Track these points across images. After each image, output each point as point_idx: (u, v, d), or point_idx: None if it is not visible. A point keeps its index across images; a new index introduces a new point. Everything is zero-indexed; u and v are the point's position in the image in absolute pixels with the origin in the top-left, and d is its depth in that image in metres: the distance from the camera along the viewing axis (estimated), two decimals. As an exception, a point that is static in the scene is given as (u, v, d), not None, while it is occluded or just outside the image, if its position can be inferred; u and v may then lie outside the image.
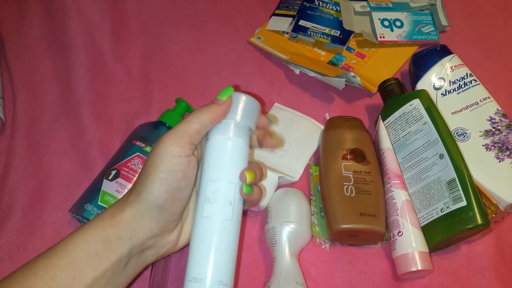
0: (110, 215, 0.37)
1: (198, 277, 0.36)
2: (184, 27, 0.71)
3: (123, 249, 0.36)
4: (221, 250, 0.36)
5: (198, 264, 0.36)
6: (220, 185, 0.38)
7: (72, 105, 0.61)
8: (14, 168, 0.55)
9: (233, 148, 0.39)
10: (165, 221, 0.38)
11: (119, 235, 0.36)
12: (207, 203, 0.37)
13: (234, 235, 0.38)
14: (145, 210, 0.37)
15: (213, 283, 0.35)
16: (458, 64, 0.60)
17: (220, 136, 0.39)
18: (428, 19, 0.70)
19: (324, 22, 0.70)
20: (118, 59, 0.66)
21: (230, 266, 0.37)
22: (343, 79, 0.60)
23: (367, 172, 0.52)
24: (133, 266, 0.38)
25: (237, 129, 0.39)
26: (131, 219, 0.37)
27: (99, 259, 0.35)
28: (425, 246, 0.48)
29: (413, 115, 0.54)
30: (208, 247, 0.36)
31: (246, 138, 0.40)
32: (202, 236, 0.37)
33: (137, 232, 0.37)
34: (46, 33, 0.67)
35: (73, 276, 0.34)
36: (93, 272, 0.35)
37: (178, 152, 0.37)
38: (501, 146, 0.54)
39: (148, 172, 0.37)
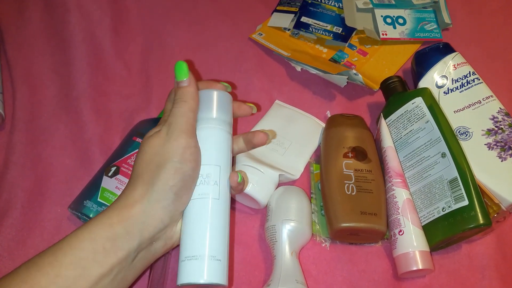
0: (117, 211, 0.36)
1: (194, 253, 0.36)
2: (184, 22, 0.71)
3: (132, 244, 0.36)
4: (214, 226, 0.38)
5: (194, 240, 0.37)
6: (203, 168, 0.39)
7: (71, 101, 0.60)
8: (13, 164, 0.55)
9: (212, 135, 0.41)
10: (176, 211, 0.38)
11: (128, 230, 0.36)
12: (204, 184, 0.39)
13: (222, 214, 0.39)
14: (157, 201, 0.37)
15: (210, 258, 0.36)
16: (461, 62, 0.59)
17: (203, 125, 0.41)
18: (431, 17, 0.70)
19: (326, 18, 0.69)
20: (118, 54, 0.66)
21: (224, 243, 0.38)
22: (344, 76, 0.60)
23: (368, 170, 0.52)
24: (141, 260, 0.38)
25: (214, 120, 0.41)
26: (141, 213, 0.36)
27: (105, 256, 0.35)
28: (426, 246, 0.48)
29: (415, 114, 0.54)
30: (197, 225, 0.38)
31: (224, 126, 0.42)
32: (192, 216, 0.38)
33: (148, 225, 0.36)
34: (46, 28, 0.67)
35: (79, 273, 0.34)
36: (99, 269, 0.34)
37: (190, 144, 0.38)
38: (503, 145, 0.53)
39: (161, 164, 0.37)
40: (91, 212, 0.48)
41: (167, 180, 0.37)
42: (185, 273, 0.36)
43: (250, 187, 0.50)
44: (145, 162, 0.38)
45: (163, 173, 0.37)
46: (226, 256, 0.38)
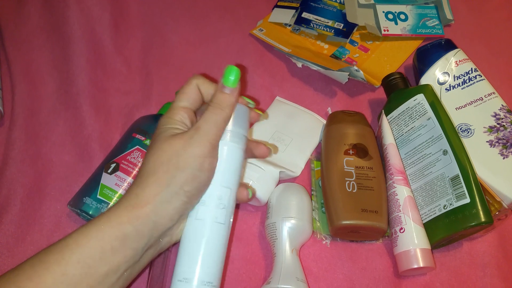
0: (128, 209, 0.36)
1: (186, 277, 0.36)
2: (184, 18, 0.70)
3: (141, 243, 0.36)
4: (212, 252, 0.37)
5: (187, 264, 0.37)
6: (216, 189, 0.38)
7: (71, 97, 0.60)
8: (12, 160, 0.55)
9: (229, 153, 0.39)
10: (185, 211, 0.38)
11: (138, 230, 0.35)
12: (202, 205, 0.38)
13: (225, 239, 0.39)
14: (169, 202, 0.36)
15: (201, 283, 0.36)
16: (463, 59, 0.59)
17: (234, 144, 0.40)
18: (433, 13, 0.69)
19: (327, 14, 0.69)
20: (118, 50, 0.65)
21: (219, 268, 0.38)
22: (346, 72, 0.59)
23: (370, 167, 0.51)
24: (147, 257, 0.38)
25: (232, 135, 0.39)
26: (152, 212, 0.36)
27: (113, 255, 0.34)
28: (427, 243, 0.48)
29: (417, 110, 0.53)
30: (199, 248, 0.37)
31: (241, 144, 0.40)
32: (193, 238, 0.37)
33: (158, 225, 0.36)
34: (45, 23, 0.66)
35: (85, 272, 0.33)
36: (106, 267, 0.34)
37: (212, 154, 0.38)
38: (505, 142, 0.53)
39: (180, 167, 0.36)
40: (90, 209, 0.48)
41: (183, 184, 0.36)
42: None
43: (250, 184, 0.50)
44: (162, 161, 0.37)
45: (181, 177, 0.36)
46: (218, 282, 0.38)
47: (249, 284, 0.48)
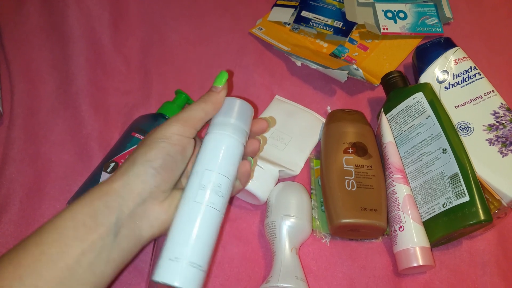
0: (99, 188, 0.38)
1: (176, 255, 0.36)
2: (184, 17, 0.70)
3: (111, 218, 0.36)
4: (204, 235, 0.37)
5: (179, 243, 0.37)
6: (217, 177, 0.39)
7: (70, 96, 0.60)
8: (11, 159, 0.55)
9: (232, 144, 0.41)
10: (156, 188, 0.38)
11: (107, 205, 0.37)
12: (201, 189, 0.39)
13: (218, 226, 0.39)
14: (137, 175, 0.37)
15: (190, 264, 0.36)
16: (462, 57, 0.59)
17: (221, 131, 0.41)
18: (432, 11, 0.69)
19: (326, 13, 0.69)
20: (117, 49, 0.65)
21: (209, 253, 0.38)
22: (345, 71, 0.59)
23: (369, 166, 0.51)
24: (126, 240, 0.37)
25: (235, 128, 0.41)
26: (120, 187, 0.37)
27: (86, 231, 0.36)
28: (426, 242, 0.48)
29: (416, 109, 0.53)
30: (193, 230, 0.37)
31: (242, 139, 0.42)
32: (188, 218, 0.38)
33: (126, 200, 0.37)
34: (44, 23, 0.66)
35: (61, 250, 0.35)
36: (80, 244, 0.35)
37: (180, 131, 0.39)
38: (504, 140, 0.53)
39: (147, 144, 0.39)
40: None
41: (147, 156, 0.38)
42: (162, 272, 0.36)
43: (250, 183, 0.50)
44: (143, 141, 0.40)
45: (146, 150, 0.38)
46: (206, 267, 0.38)
47: (248, 282, 0.48)
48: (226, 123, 0.41)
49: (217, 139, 0.41)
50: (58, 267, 0.34)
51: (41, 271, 0.34)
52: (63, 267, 0.34)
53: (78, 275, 0.35)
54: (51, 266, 0.34)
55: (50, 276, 0.34)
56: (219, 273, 0.49)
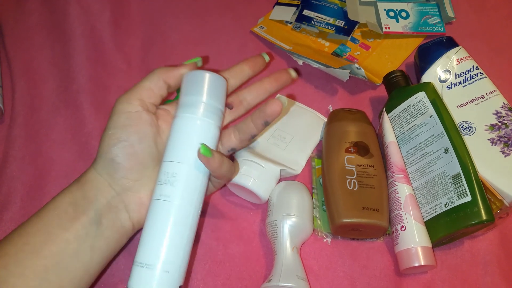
0: (77, 180, 0.39)
1: (148, 262, 0.34)
2: (185, 15, 0.70)
3: (90, 207, 0.37)
4: (176, 237, 0.34)
5: (150, 248, 0.34)
6: (182, 167, 0.35)
7: (71, 94, 0.60)
8: (12, 158, 0.55)
9: (201, 128, 0.36)
10: (124, 178, 0.38)
11: (85, 195, 0.38)
12: (167, 184, 0.35)
13: (191, 223, 0.36)
14: (102, 167, 0.38)
15: (164, 271, 0.34)
16: (464, 57, 0.59)
17: (188, 114, 0.37)
18: (434, 10, 0.69)
19: (328, 12, 0.69)
20: (118, 48, 0.65)
21: (185, 255, 0.36)
22: (347, 70, 0.59)
23: (371, 165, 0.51)
24: (109, 230, 0.38)
25: (206, 109, 0.37)
26: (93, 179, 0.38)
27: (68, 220, 0.36)
28: (428, 241, 0.48)
29: (418, 108, 0.53)
30: (162, 232, 0.34)
31: (216, 120, 0.37)
32: (156, 219, 0.35)
33: (101, 191, 0.38)
34: (45, 21, 0.66)
35: (45, 239, 0.36)
36: (64, 233, 0.36)
37: (124, 108, 0.39)
38: (507, 140, 0.53)
39: (102, 134, 0.39)
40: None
41: (102, 147, 0.38)
42: (136, 279, 0.35)
43: (251, 182, 0.50)
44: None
45: (101, 141, 0.39)
46: (181, 269, 0.35)
47: (249, 282, 0.48)
48: (193, 103, 0.37)
49: (182, 124, 0.37)
50: (43, 255, 0.35)
51: (25, 260, 0.35)
52: (48, 255, 0.35)
53: (63, 263, 0.36)
54: (35, 255, 0.35)
55: (35, 264, 0.35)
56: (220, 272, 0.48)
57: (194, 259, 0.49)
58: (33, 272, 0.34)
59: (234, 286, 0.48)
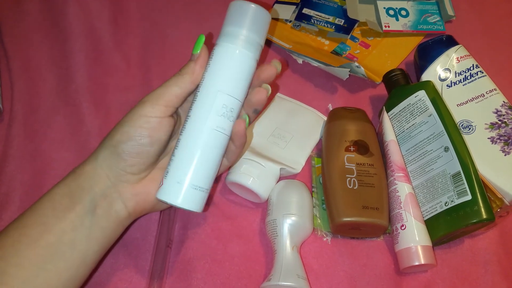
0: (73, 171, 0.40)
1: (178, 177, 0.37)
2: (184, 13, 0.70)
3: (85, 197, 0.38)
4: (206, 157, 0.37)
5: (181, 164, 0.37)
6: (216, 95, 0.37)
7: (70, 94, 0.60)
8: (11, 157, 0.54)
9: (240, 60, 0.37)
10: (122, 171, 0.39)
11: (81, 186, 0.38)
12: (224, 117, 0.37)
13: (221, 146, 0.39)
14: (104, 158, 0.39)
15: (191, 186, 0.37)
16: (464, 55, 0.58)
17: (228, 44, 0.38)
18: (434, 9, 0.69)
19: (328, 10, 0.68)
20: (117, 46, 0.65)
21: (211, 175, 0.39)
22: (346, 69, 0.59)
23: (370, 164, 0.51)
24: (104, 219, 0.39)
25: (246, 40, 0.38)
26: (91, 169, 0.39)
27: (64, 210, 0.37)
28: (428, 240, 0.48)
29: (418, 107, 0.53)
30: (194, 151, 0.37)
31: (255, 53, 0.38)
32: (189, 140, 0.37)
33: (97, 181, 0.38)
34: (44, 19, 0.66)
35: (42, 230, 0.36)
36: (60, 223, 0.36)
37: (147, 112, 0.38)
38: (507, 139, 0.53)
39: (118, 124, 0.39)
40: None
41: (112, 140, 0.38)
42: (165, 190, 0.38)
43: (251, 181, 0.49)
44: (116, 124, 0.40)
45: (111, 134, 0.39)
46: (209, 187, 0.39)
47: (249, 281, 0.48)
48: (237, 34, 0.37)
49: (228, 55, 0.37)
50: (40, 245, 0.36)
51: (22, 251, 0.35)
52: (44, 245, 0.36)
53: (60, 252, 0.36)
54: (32, 245, 0.35)
55: (32, 254, 0.35)
56: (219, 271, 0.48)
57: (194, 258, 0.49)
58: (30, 262, 0.35)
59: (234, 285, 0.48)
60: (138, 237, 0.50)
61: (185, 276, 0.48)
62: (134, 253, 0.49)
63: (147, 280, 0.47)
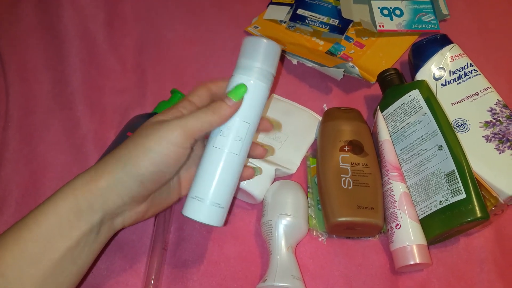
0: (83, 183, 0.37)
1: (200, 196, 0.40)
2: (179, 15, 0.70)
3: (95, 218, 0.37)
4: (224, 178, 0.40)
5: (203, 185, 0.40)
6: (235, 122, 0.40)
7: (66, 97, 0.60)
8: (7, 160, 0.55)
9: (254, 89, 0.40)
10: (138, 195, 0.39)
11: (91, 203, 0.36)
12: (220, 135, 0.40)
13: (238, 168, 0.41)
14: (123, 182, 0.37)
15: (212, 204, 0.40)
16: (459, 54, 0.59)
17: (244, 76, 0.40)
18: (428, 8, 0.69)
19: (322, 11, 0.68)
20: (112, 49, 0.65)
21: (229, 193, 0.41)
22: (341, 69, 0.59)
23: (365, 164, 0.51)
24: (104, 233, 0.39)
25: (260, 72, 0.41)
26: (105, 188, 0.37)
27: (70, 229, 0.36)
28: (423, 239, 0.48)
29: (412, 106, 0.53)
30: (214, 173, 0.40)
31: (267, 83, 0.41)
32: (210, 163, 0.40)
33: (109, 201, 0.37)
34: (39, 22, 0.66)
35: (44, 247, 0.35)
36: (66, 242, 0.36)
37: (177, 142, 0.37)
38: (501, 137, 0.53)
39: (139, 148, 0.37)
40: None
41: (137, 166, 0.37)
42: (190, 208, 0.40)
43: (245, 182, 0.50)
44: (131, 142, 0.38)
45: (137, 158, 0.37)
46: (227, 205, 0.41)
47: (245, 282, 0.48)
48: (252, 67, 0.40)
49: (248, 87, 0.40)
50: (42, 265, 0.35)
51: (24, 269, 0.34)
52: (47, 264, 0.35)
53: (62, 269, 0.36)
54: (35, 263, 0.35)
55: (34, 274, 0.34)
56: (215, 272, 0.48)
57: (189, 260, 0.49)
58: (31, 281, 0.34)
59: (229, 287, 0.48)
60: (134, 239, 0.50)
61: (181, 278, 0.48)
62: (130, 256, 0.49)
63: (143, 282, 0.47)
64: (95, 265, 0.48)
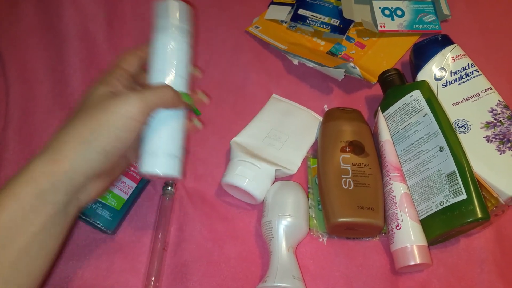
0: (43, 165, 0.35)
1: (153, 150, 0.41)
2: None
3: (61, 199, 0.36)
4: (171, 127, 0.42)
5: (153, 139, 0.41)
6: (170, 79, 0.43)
7: (66, 97, 0.60)
8: (7, 161, 0.54)
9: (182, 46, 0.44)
10: (103, 171, 0.38)
11: (55, 186, 0.35)
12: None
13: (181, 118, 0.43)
14: (88, 160, 0.36)
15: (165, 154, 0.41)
16: (460, 54, 0.59)
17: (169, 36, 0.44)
18: (429, 8, 0.69)
19: (323, 11, 0.68)
20: (113, 49, 0.65)
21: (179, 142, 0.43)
22: (342, 69, 0.59)
23: (366, 164, 0.51)
24: (72, 212, 0.38)
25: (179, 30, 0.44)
26: (69, 168, 0.35)
27: (35, 213, 0.34)
28: (423, 240, 0.48)
29: (413, 107, 0.53)
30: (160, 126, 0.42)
31: (190, 39, 0.45)
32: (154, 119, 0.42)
33: (73, 180, 0.36)
34: (39, 23, 0.66)
35: (12, 234, 0.34)
36: (31, 227, 0.34)
37: (139, 117, 0.38)
38: (502, 138, 0.53)
39: (102, 124, 0.37)
40: (86, 211, 0.48)
41: (105, 144, 0.37)
42: (146, 163, 0.41)
43: (246, 182, 0.49)
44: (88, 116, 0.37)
45: (104, 136, 0.37)
46: (181, 155, 0.43)
47: (245, 282, 0.48)
48: (171, 26, 0.43)
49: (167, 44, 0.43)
50: (11, 250, 0.34)
51: None
52: (16, 248, 0.34)
53: (31, 254, 0.35)
54: (4, 250, 0.34)
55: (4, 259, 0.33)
56: (215, 272, 0.48)
57: (189, 260, 0.49)
58: (2, 265, 0.34)
59: (229, 287, 0.48)
60: (134, 239, 0.50)
61: (181, 278, 0.48)
62: (130, 256, 0.49)
63: (143, 283, 0.47)
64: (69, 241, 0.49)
